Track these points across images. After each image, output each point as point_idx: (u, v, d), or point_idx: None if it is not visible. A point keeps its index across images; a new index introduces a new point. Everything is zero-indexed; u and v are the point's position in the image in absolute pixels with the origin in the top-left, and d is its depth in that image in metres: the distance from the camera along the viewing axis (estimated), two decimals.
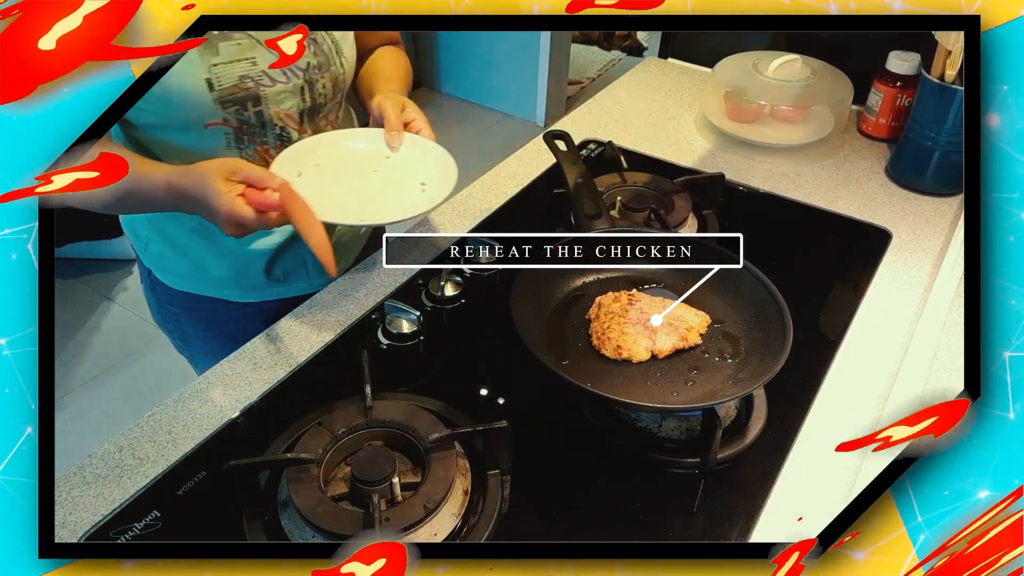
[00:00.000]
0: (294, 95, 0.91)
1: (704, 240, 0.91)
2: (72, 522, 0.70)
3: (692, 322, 0.83)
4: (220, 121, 0.88)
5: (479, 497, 0.71)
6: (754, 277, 0.84)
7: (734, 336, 0.84)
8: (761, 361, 0.78)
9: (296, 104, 0.91)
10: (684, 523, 0.72)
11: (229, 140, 0.90)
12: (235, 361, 0.87)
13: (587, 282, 0.92)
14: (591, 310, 0.87)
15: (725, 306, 0.87)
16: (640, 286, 0.90)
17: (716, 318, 0.86)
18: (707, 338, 0.83)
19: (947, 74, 1.10)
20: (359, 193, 0.91)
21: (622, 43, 3.67)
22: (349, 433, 0.73)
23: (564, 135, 1.06)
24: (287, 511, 0.68)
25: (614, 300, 0.86)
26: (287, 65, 0.88)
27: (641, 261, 0.91)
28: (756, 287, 0.84)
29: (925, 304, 0.96)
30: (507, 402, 0.83)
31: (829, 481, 0.76)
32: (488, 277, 1.00)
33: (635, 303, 0.84)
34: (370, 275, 1.00)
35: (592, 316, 0.86)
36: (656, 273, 0.92)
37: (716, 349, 0.82)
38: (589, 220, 0.95)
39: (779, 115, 1.31)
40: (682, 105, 1.44)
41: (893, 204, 1.17)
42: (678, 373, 0.80)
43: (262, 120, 0.90)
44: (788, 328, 0.77)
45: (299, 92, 0.91)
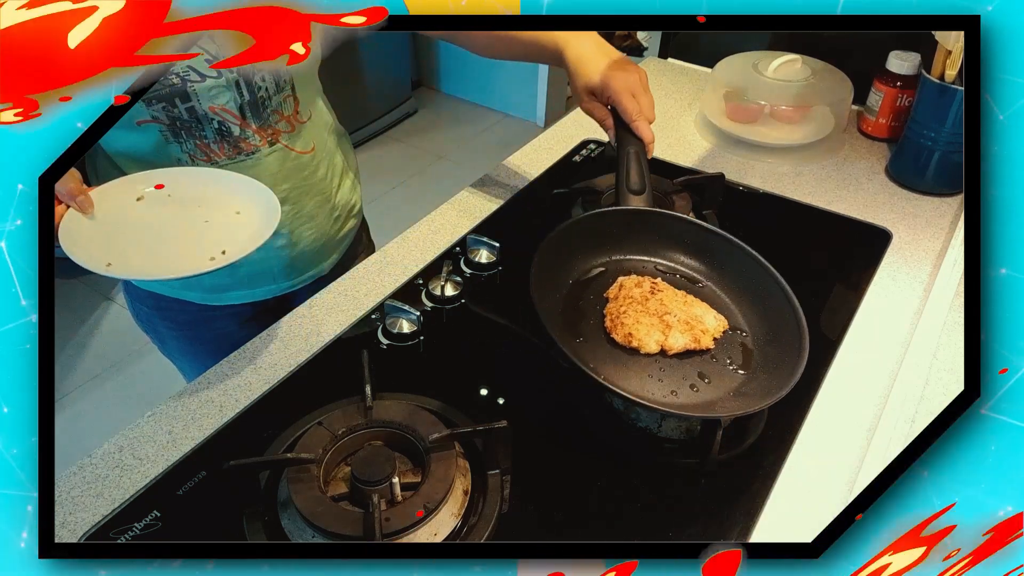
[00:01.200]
0: (228, 90, 0.88)
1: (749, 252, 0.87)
2: (72, 522, 0.70)
3: (709, 324, 0.82)
4: (149, 119, 0.87)
5: (479, 497, 0.71)
6: (783, 293, 0.82)
7: (748, 348, 0.82)
8: (768, 379, 0.77)
9: (232, 99, 0.89)
10: (684, 523, 0.72)
11: (166, 136, 0.89)
12: (235, 361, 0.87)
13: (615, 259, 0.91)
14: (611, 289, 0.85)
15: (747, 315, 0.85)
16: (665, 275, 0.89)
17: (735, 325, 0.84)
18: (720, 343, 0.82)
19: (947, 74, 1.10)
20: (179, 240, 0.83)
21: (622, 43, 3.66)
22: (349, 433, 0.73)
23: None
24: (287, 511, 0.68)
25: (636, 285, 0.84)
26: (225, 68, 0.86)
27: (674, 249, 0.91)
28: (782, 303, 0.82)
29: (925, 304, 0.96)
30: (507, 402, 0.83)
31: (829, 481, 0.76)
32: (488, 277, 1.00)
33: (656, 293, 0.83)
34: (370, 275, 1.00)
35: (611, 296, 0.84)
36: (685, 265, 0.91)
37: (727, 356, 0.81)
38: (631, 193, 0.93)
39: (779, 115, 1.31)
40: (682, 105, 1.44)
41: (893, 204, 1.17)
42: (683, 374, 0.79)
43: (195, 116, 0.88)
44: (803, 354, 0.75)
45: (233, 87, 0.88)
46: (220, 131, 0.90)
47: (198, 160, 0.91)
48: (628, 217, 0.91)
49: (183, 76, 0.85)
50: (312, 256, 1.07)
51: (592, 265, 0.90)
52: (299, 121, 0.97)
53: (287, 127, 0.95)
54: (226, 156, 0.92)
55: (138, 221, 0.83)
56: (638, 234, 0.91)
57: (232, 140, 0.91)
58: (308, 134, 0.98)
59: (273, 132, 0.94)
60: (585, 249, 0.90)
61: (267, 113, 0.92)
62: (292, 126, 0.96)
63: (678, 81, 1.53)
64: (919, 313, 0.95)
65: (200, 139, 0.90)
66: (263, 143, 0.94)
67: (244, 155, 0.93)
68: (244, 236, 0.80)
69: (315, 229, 1.04)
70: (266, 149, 0.94)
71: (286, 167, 0.97)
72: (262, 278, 1.03)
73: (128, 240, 0.80)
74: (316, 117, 1.00)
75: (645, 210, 0.92)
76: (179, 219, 0.84)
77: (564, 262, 0.87)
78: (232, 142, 0.91)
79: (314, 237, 1.04)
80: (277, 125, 0.94)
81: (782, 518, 0.72)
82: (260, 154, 0.94)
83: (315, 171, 1.01)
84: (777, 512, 0.73)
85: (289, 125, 0.95)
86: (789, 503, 0.74)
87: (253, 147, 0.93)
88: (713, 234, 0.90)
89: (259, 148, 0.94)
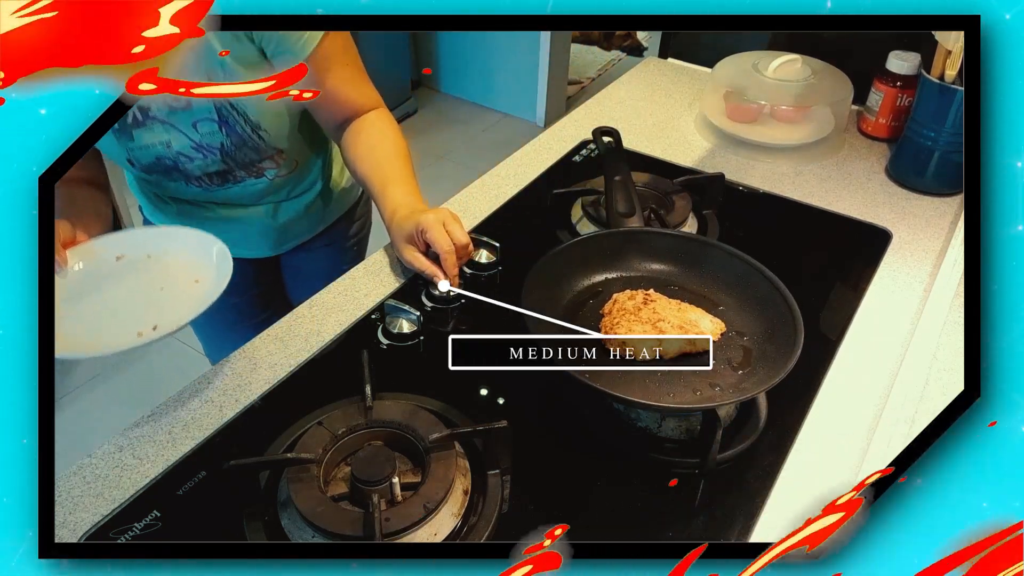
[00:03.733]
0: (216, 165, 0.98)
1: (740, 255, 0.88)
2: (72, 522, 0.70)
3: (705, 328, 0.82)
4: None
5: (479, 497, 0.71)
6: (778, 292, 0.82)
7: (747, 348, 0.83)
8: (766, 372, 0.77)
9: (216, 162, 0.98)
10: (684, 523, 0.72)
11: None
12: (235, 361, 0.87)
13: (610, 278, 0.92)
14: (606, 305, 0.86)
15: (745, 318, 0.86)
16: (661, 287, 0.89)
17: (733, 328, 0.85)
18: (719, 346, 0.82)
19: (947, 74, 1.10)
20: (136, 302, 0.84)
21: (622, 43, 3.67)
22: (349, 433, 0.73)
23: (614, 132, 1.09)
24: (287, 511, 0.68)
25: (629, 298, 0.85)
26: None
27: (667, 263, 0.92)
28: (778, 303, 0.82)
29: (925, 304, 0.96)
30: (507, 402, 0.83)
31: (829, 481, 0.76)
32: (488, 277, 1.00)
33: (650, 303, 0.84)
34: (370, 275, 1.00)
35: (606, 311, 0.86)
36: (679, 277, 0.92)
37: (725, 358, 0.81)
38: (621, 217, 0.96)
39: (779, 115, 1.31)
40: (682, 105, 1.44)
41: (893, 204, 1.17)
42: (679, 376, 0.79)
43: (187, 178, 1.00)
44: (797, 345, 0.75)
45: (220, 163, 0.98)
46: (207, 172, 1.00)
47: (191, 183, 1.01)
48: (620, 237, 0.94)
49: (174, 159, 0.95)
50: (297, 232, 1.17)
51: (587, 285, 0.92)
52: (284, 160, 1.05)
53: (272, 164, 1.04)
54: (216, 184, 1.02)
55: (93, 290, 0.84)
56: (632, 252, 0.93)
57: (221, 175, 1.01)
58: (294, 154, 1.06)
59: (259, 170, 1.03)
60: (580, 271, 0.92)
61: (251, 164, 1.02)
62: (277, 164, 1.04)
63: (678, 81, 1.53)
64: (919, 313, 0.95)
65: (189, 178, 1.01)
66: (250, 176, 1.03)
67: (231, 183, 1.03)
68: (184, 307, 0.80)
69: (299, 209, 1.14)
70: (252, 180, 1.04)
71: (270, 186, 1.07)
72: (242, 245, 1.10)
73: (81, 310, 0.81)
74: (305, 135, 1.07)
75: (636, 230, 0.95)
76: (133, 290, 0.84)
77: (558, 283, 0.89)
78: (221, 175, 1.02)
79: (298, 216, 1.14)
80: (262, 164, 1.03)
81: (782, 518, 0.72)
82: (247, 184, 1.04)
83: (303, 169, 1.10)
84: (777, 512, 0.73)
85: (274, 163, 1.04)
86: (789, 503, 0.74)
87: (240, 178, 1.03)
88: (705, 244, 0.92)
89: (246, 179, 1.03)
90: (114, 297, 0.83)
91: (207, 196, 1.05)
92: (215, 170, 0.99)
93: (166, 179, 1.00)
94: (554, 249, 0.89)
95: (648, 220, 1.03)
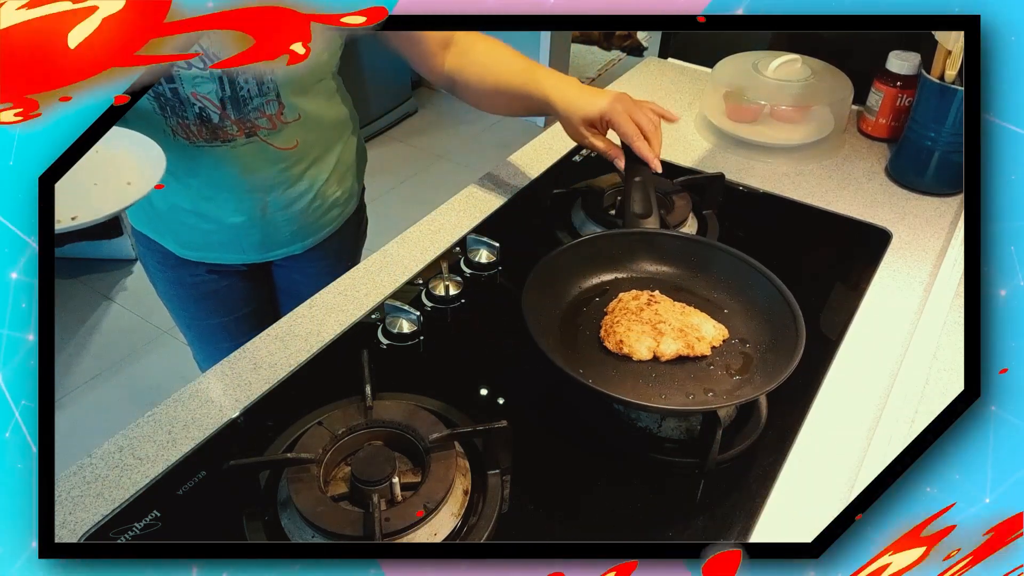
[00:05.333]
0: (211, 81, 0.91)
1: (749, 261, 0.88)
2: (72, 522, 0.70)
3: (706, 332, 0.82)
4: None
5: (479, 497, 0.71)
6: (783, 300, 0.82)
7: (749, 355, 0.82)
8: (764, 380, 0.77)
9: (214, 90, 0.92)
10: (684, 523, 0.72)
11: (154, 107, 0.92)
12: (235, 361, 0.87)
13: (619, 278, 0.92)
14: (611, 304, 0.87)
15: (749, 324, 0.85)
16: (669, 290, 0.89)
17: (737, 334, 0.84)
18: (719, 351, 0.82)
19: (947, 74, 1.10)
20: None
21: (622, 43, 3.66)
22: (349, 433, 0.73)
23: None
24: (287, 511, 0.68)
25: (634, 298, 0.85)
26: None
27: (677, 265, 0.93)
28: (783, 311, 0.81)
29: (925, 304, 0.96)
30: (507, 402, 0.83)
31: (829, 481, 0.76)
32: (488, 277, 1.00)
33: (653, 304, 0.84)
34: (370, 275, 1.01)
35: (609, 309, 0.86)
36: (688, 280, 0.92)
37: (724, 363, 0.81)
38: (638, 217, 0.96)
39: (779, 115, 1.31)
40: (682, 105, 1.44)
41: (893, 204, 1.17)
42: (675, 379, 0.79)
43: (178, 97, 0.92)
44: (795, 356, 0.75)
45: (216, 80, 0.92)
46: (201, 116, 0.94)
47: (179, 136, 0.95)
48: (631, 238, 0.94)
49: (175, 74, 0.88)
50: (286, 237, 1.13)
51: (595, 283, 0.92)
52: (282, 121, 0.99)
53: (268, 124, 0.98)
54: (204, 139, 0.96)
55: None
56: (642, 253, 0.93)
57: (211, 126, 0.94)
58: (293, 132, 1.01)
59: (252, 126, 0.97)
60: (588, 268, 0.92)
61: (248, 109, 0.95)
62: (274, 124, 0.99)
63: (678, 81, 1.53)
64: (919, 313, 0.95)
65: (181, 118, 0.94)
66: (240, 134, 0.97)
67: (220, 142, 0.96)
68: (99, 203, 0.79)
69: (289, 214, 1.09)
70: (242, 140, 0.97)
71: (261, 159, 1.01)
72: (230, 247, 1.09)
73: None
74: (309, 118, 1.02)
75: (647, 231, 0.95)
76: (68, 179, 0.84)
77: (565, 281, 0.89)
78: (211, 128, 0.95)
79: (287, 220, 1.09)
80: (257, 121, 0.97)
81: (782, 518, 0.72)
82: (236, 143, 0.97)
83: (295, 164, 1.04)
84: (777, 512, 0.73)
85: (270, 123, 0.98)
86: (789, 503, 0.74)
87: (230, 136, 0.96)
88: (714, 248, 0.92)
89: (235, 138, 0.97)
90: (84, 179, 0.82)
91: (191, 164, 0.99)
92: (209, 106, 0.93)
93: (159, 109, 0.93)
94: (563, 246, 0.89)
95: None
